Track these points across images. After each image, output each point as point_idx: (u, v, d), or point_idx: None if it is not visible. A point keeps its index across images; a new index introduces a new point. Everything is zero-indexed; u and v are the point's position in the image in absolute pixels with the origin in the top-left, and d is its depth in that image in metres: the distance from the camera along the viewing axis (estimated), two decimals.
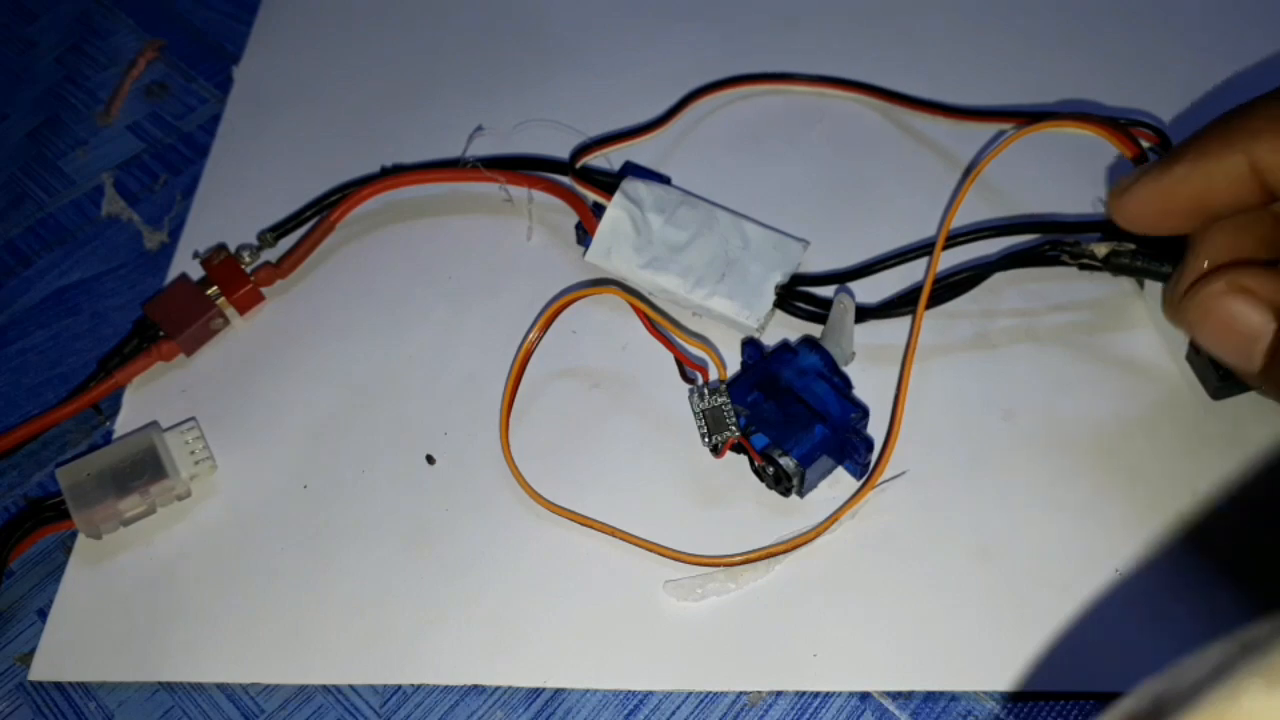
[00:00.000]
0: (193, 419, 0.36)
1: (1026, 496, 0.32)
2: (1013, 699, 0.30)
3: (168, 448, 0.35)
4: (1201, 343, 0.27)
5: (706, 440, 0.33)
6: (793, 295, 0.37)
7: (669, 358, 0.34)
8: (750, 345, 0.35)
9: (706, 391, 0.33)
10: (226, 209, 0.42)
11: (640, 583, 0.32)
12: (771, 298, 0.37)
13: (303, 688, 0.32)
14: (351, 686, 0.32)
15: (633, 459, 0.35)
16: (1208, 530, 0.31)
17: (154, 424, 0.36)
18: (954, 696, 0.30)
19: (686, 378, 0.34)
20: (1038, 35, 0.44)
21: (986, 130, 0.41)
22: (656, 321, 0.33)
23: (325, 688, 0.32)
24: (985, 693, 0.30)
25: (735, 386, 0.33)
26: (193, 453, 0.35)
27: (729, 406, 0.33)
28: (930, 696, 0.30)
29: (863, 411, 0.33)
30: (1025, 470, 0.33)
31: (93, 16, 0.49)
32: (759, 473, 0.33)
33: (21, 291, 0.41)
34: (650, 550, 0.32)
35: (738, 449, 0.33)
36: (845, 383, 0.34)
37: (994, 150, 0.34)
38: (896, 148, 0.42)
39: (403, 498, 0.35)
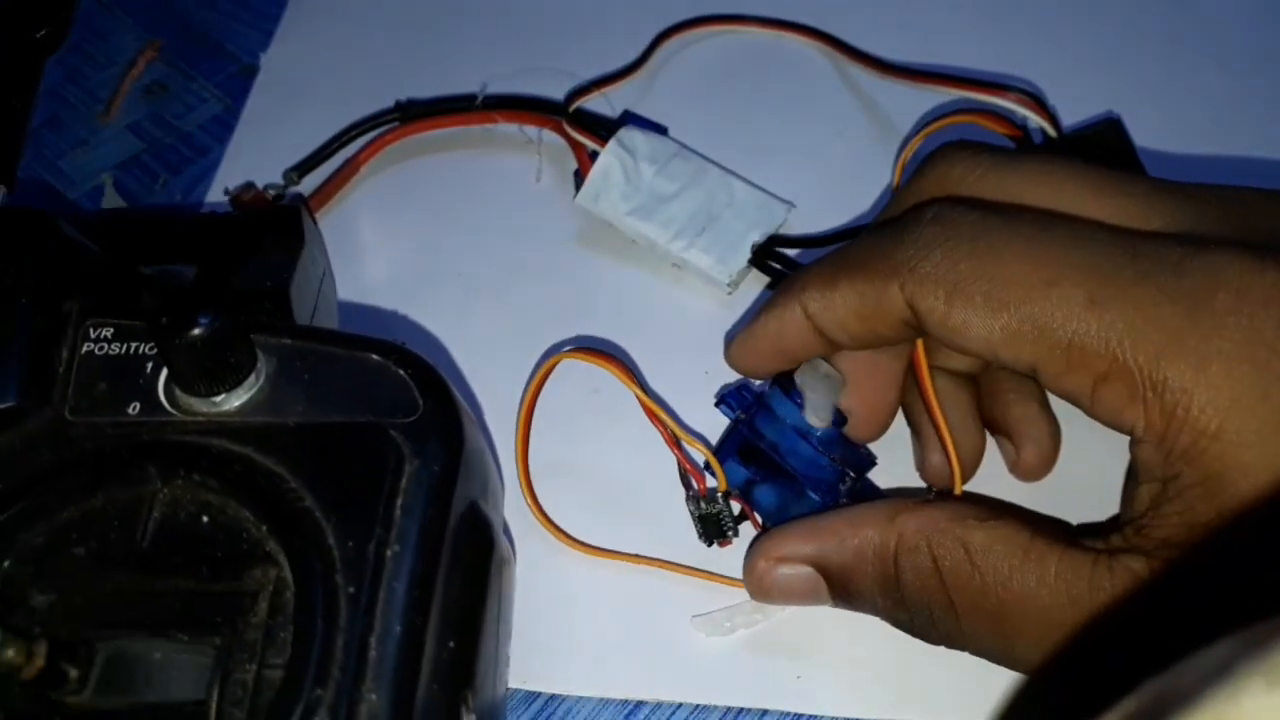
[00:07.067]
0: None
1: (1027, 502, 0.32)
2: None
3: None
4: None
5: (704, 541, 0.32)
6: (770, 255, 0.38)
7: (672, 368, 0.33)
8: (731, 395, 0.32)
9: (703, 502, 0.31)
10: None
11: (651, 602, 0.32)
12: (747, 255, 0.37)
13: None
14: None
15: (638, 468, 0.34)
16: None
17: None
18: None
19: (685, 482, 0.32)
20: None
21: (931, 96, 0.41)
22: (662, 418, 0.31)
23: None
24: None
25: (719, 453, 0.32)
26: None
27: (727, 514, 0.31)
28: None
29: (856, 469, 0.31)
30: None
31: (93, 16, 0.49)
32: None
33: None
34: (662, 569, 0.32)
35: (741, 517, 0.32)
36: (839, 418, 0.31)
37: (919, 134, 0.35)
38: (843, 100, 0.43)
39: None
